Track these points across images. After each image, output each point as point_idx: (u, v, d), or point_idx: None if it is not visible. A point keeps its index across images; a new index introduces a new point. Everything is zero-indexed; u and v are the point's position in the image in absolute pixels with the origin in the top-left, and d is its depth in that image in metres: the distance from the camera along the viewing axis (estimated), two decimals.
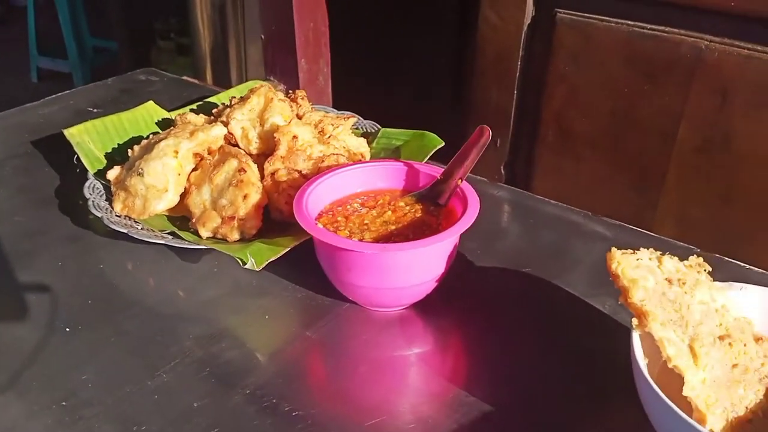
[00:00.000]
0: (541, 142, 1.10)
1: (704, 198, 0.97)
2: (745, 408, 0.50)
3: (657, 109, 0.96)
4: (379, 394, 0.59)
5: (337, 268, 0.63)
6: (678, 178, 0.98)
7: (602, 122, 1.02)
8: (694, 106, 0.92)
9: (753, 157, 0.91)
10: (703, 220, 0.98)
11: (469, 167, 0.67)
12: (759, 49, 0.86)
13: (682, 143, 0.95)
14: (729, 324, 0.53)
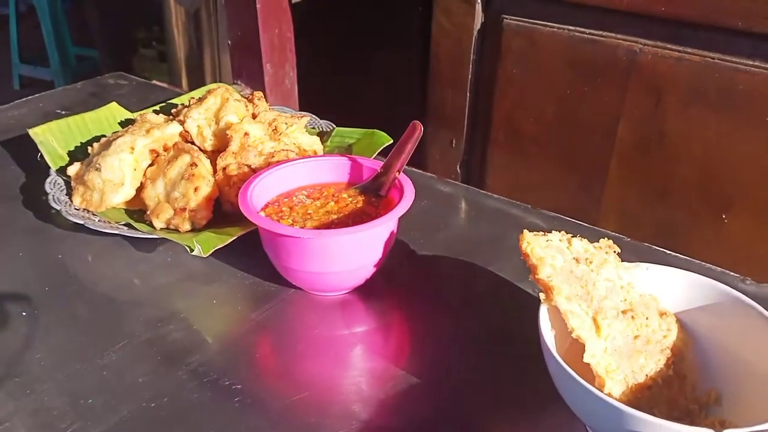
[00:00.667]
0: (494, 142, 1.14)
1: (643, 194, 1.01)
2: (645, 375, 0.54)
3: (597, 109, 1.00)
4: (315, 370, 0.62)
5: (280, 254, 0.66)
6: (619, 175, 1.02)
7: (548, 122, 1.06)
8: (631, 106, 0.97)
9: (686, 154, 0.95)
10: (642, 214, 1.02)
11: (405, 160, 0.71)
12: (689, 51, 0.91)
13: (621, 142, 1.00)
14: (633, 299, 0.57)
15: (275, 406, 0.58)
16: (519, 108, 1.09)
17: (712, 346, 0.57)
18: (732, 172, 0.92)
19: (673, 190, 0.98)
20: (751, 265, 0.93)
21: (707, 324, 0.57)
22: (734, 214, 0.94)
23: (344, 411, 0.57)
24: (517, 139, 1.11)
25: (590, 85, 1.00)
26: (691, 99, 0.92)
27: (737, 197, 0.93)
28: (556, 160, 1.08)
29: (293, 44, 1.37)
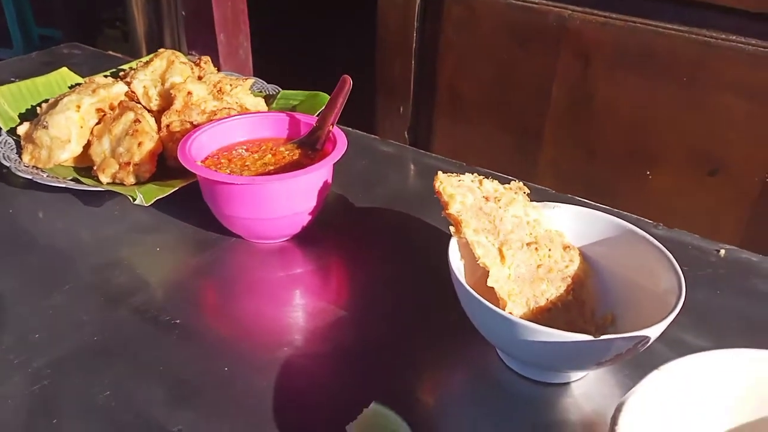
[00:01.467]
0: (438, 108, 1.19)
1: (575, 152, 1.06)
2: (546, 300, 0.59)
3: (532, 73, 1.05)
4: (251, 307, 0.66)
5: (217, 202, 0.70)
6: (553, 136, 1.08)
7: (487, 87, 1.11)
8: (563, 69, 1.02)
9: (613, 114, 1.00)
10: (575, 172, 1.08)
11: (337, 113, 0.75)
12: (614, 17, 0.96)
13: (555, 103, 1.05)
14: (538, 234, 0.62)
15: (211, 337, 0.62)
16: (460, 74, 1.14)
17: (610, 275, 0.62)
18: (655, 131, 0.98)
19: (601, 149, 1.03)
20: (673, 218, 0.99)
21: (606, 255, 0.62)
22: (657, 170, 1.00)
23: (277, 340, 0.61)
24: (460, 103, 1.16)
25: (525, 50, 1.04)
26: (616, 62, 0.97)
27: (660, 154, 0.99)
28: (495, 123, 1.13)
29: (246, 16, 1.40)
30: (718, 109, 0.92)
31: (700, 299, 0.68)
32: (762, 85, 0.88)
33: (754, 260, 0.74)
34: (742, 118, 0.91)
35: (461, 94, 1.15)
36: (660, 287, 0.56)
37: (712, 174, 0.96)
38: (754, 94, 0.89)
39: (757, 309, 0.67)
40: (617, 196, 1.04)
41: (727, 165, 0.95)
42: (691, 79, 0.92)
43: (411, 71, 1.19)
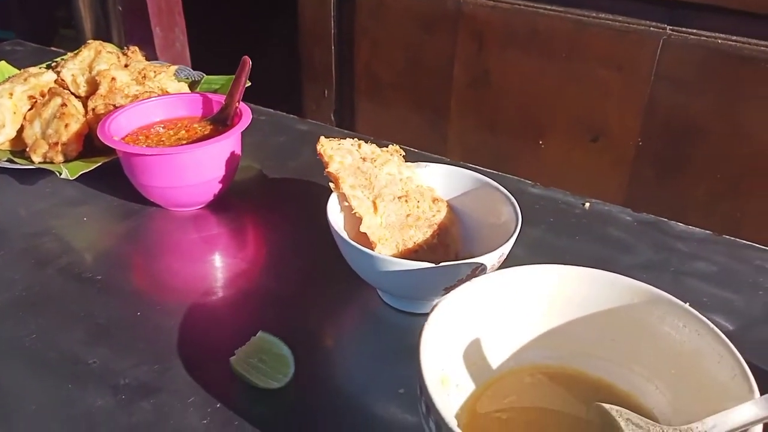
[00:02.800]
0: (358, 90, 1.27)
1: (478, 127, 1.16)
2: (413, 243, 0.68)
3: (436, 54, 1.14)
4: (166, 263, 0.74)
5: (134, 173, 0.78)
6: (458, 112, 1.17)
7: (399, 69, 1.20)
8: (461, 50, 1.11)
9: (507, 89, 1.10)
10: (480, 145, 1.17)
11: (241, 90, 0.82)
12: (501, 0, 1.05)
13: (457, 82, 1.14)
14: (410, 189, 0.71)
15: (128, 289, 0.70)
16: (375, 58, 1.22)
17: (471, 220, 0.71)
18: (543, 104, 1.08)
19: (500, 122, 1.13)
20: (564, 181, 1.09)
21: (468, 204, 0.71)
22: (548, 139, 1.10)
23: (185, 289, 0.70)
24: (376, 86, 1.24)
25: (429, 33, 1.13)
26: (506, 41, 1.06)
27: (549, 125, 1.08)
28: (408, 103, 1.22)
29: (181, 8, 1.47)
30: (595, 81, 1.02)
31: (561, 245, 0.78)
32: (629, 58, 0.98)
33: (612, 211, 0.84)
34: (615, 88, 1.01)
35: (377, 77, 1.24)
36: (501, 221, 0.65)
37: (594, 141, 1.06)
38: (622, 66, 0.99)
39: (606, 250, 0.77)
40: (515, 164, 1.13)
41: (607, 132, 1.05)
42: (569, 54, 1.02)
43: (332, 57, 1.27)
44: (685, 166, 1.01)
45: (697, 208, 1.02)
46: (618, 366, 0.52)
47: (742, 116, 0.95)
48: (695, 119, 0.98)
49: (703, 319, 0.47)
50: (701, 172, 1.00)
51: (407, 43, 1.16)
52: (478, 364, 0.53)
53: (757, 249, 0.77)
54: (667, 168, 1.03)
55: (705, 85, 0.95)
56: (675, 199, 1.03)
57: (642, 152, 1.03)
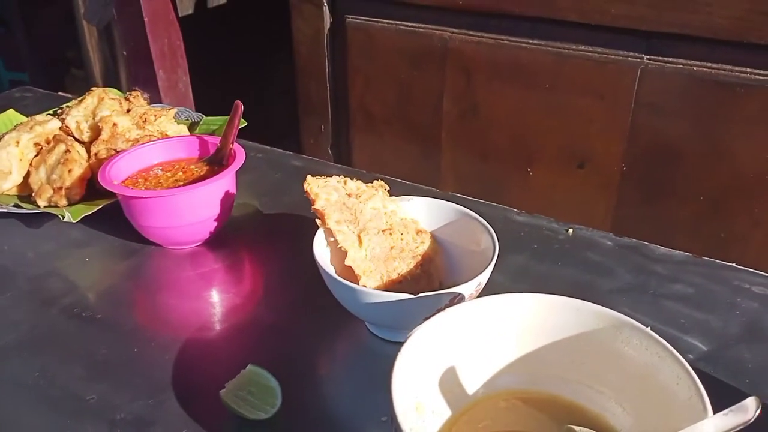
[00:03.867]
0: (353, 125, 1.31)
1: (469, 157, 1.19)
2: (398, 274, 0.70)
3: (426, 89, 1.17)
4: (161, 301, 0.77)
5: (133, 214, 0.81)
6: (449, 143, 1.20)
7: (391, 104, 1.23)
8: (450, 84, 1.14)
9: (495, 120, 1.13)
10: (471, 174, 1.20)
11: (235, 132, 0.86)
12: (485, 36, 1.09)
13: (447, 115, 1.17)
14: (394, 222, 0.73)
15: (126, 326, 0.72)
16: (368, 93, 1.26)
17: (455, 251, 0.73)
18: (530, 133, 1.10)
19: (489, 152, 1.16)
20: (552, 208, 1.12)
21: (450, 235, 0.74)
22: (536, 167, 1.12)
23: (180, 324, 0.72)
24: (370, 120, 1.28)
25: (418, 69, 1.17)
26: (492, 74, 1.09)
27: (536, 153, 1.11)
28: (401, 136, 1.25)
29: (184, 51, 1.52)
30: (578, 110, 1.05)
31: (543, 270, 0.80)
32: (609, 87, 1.01)
33: (594, 236, 0.86)
34: (598, 116, 1.04)
35: (371, 111, 1.27)
36: (481, 249, 0.68)
37: (580, 167, 1.08)
38: (604, 95, 1.02)
39: (587, 274, 0.79)
40: (505, 192, 1.16)
41: (592, 158, 1.07)
42: (552, 85, 1.05)
43: (327, 93, 1.31)
44: (669, 189, 1.03)
45: (683, 230, 1.03)
46: (588, 388, 0.54)
47: (720, 139, 0.97)
48: (676, 143, 1.00)
49: (663, 342, 0.49)
50: (684, 195, 1.02)
51: (398, 78, 1.20)
52: (453, 391, 0.55)
53: (735, 269, 0.78)
54: (652, 192, 1.05)
55: (683, 111, 0.98)
56: (660, 222, 1.05)
57: (626, 177, 1.05)
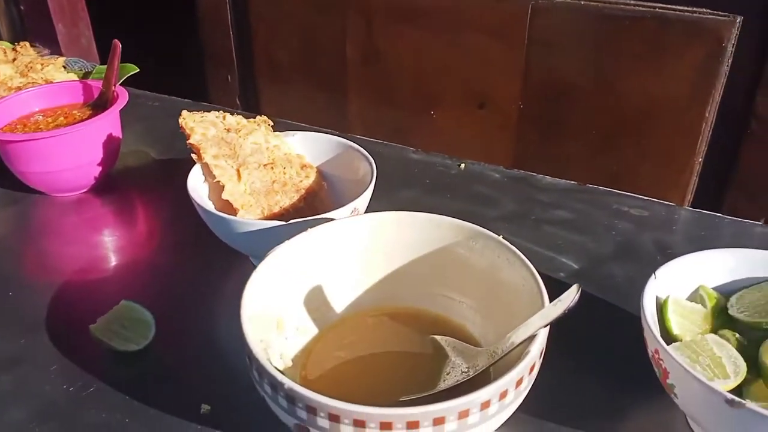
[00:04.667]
0: (260, 74, 1.29)
1: (374, 103, 1.18)
2: (280, 207, 0.70)
3: (329, 34, 1.16)
4: (42, 247, 0.75)
5: (11, 160, 0.78)
6: (355, 90, 1.19)
7: (296, 51, 1.21)
8: (352, 29, 1.13)
9: (398, 65, 1.13)
10: (378, 119, 1.20)
11: (116, 73, 0.83)
12: None
13: (351, 60, 1.16)
14: (277, 157, 0.72)
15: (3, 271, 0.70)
16: (272, 41, 1.24)
17: (339, 183, 0.73)
18: (432, 75, 1.11)
19: (394, 97, 1.16)
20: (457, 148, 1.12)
21: (336, 168, 0.74)
22: (439, 110, 1.13)
23: (60, 266, 0.70)
24: (276, 68, 1.26)
25: (320, 15, 1.15)
26: (391, 18, 1.09)
27: (439, 95, 1.12)
28: (308, 83, 1.24)
29: (85, 4, 1.45)
30: (476, 51, 1.05)
31: (432, 203, 0.81)
32: (504, 25, 1.02)
33: (484, 170, 0.87)
34: (495, 56, 1.05)
35: (276, 60, 1.25)
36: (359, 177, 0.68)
37: (481, 107, 1.09)
38: (499, 34, 1.03)
39: (474, 205, 0.80)
40: (412, 135, 1.16)
41: (492, 98, 1.09)
42: (450, 26, 1.05)
43: (231, 43, 1.28)
44: (563, 125, 1.05)
45: (578, 164, 1.06)
46: (451, 300, 0.55)
47: (608, 74, 0.99)
48: (568, 80, 1.02)
49: (511, 248, 0.50)
50: (578, 130, 1.04)
51: (301, 25, 1.18)
52: (320, 309, 0.55)
53: (615, 194, 0.81)
54: (548, 129, 1.07)
55: (574, 47, 0.99)
56: (557, 158, 1.07)
57: (524, 115, 1.07)
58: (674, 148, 0.98)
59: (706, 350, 0.46)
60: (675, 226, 0.76)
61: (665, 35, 0.92)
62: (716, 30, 0.89)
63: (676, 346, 0.47)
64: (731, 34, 0.88)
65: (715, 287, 0.54)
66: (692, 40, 0.91)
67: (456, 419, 0.37)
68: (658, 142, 0.99)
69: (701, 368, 0.45)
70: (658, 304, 0.51)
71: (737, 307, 0.51)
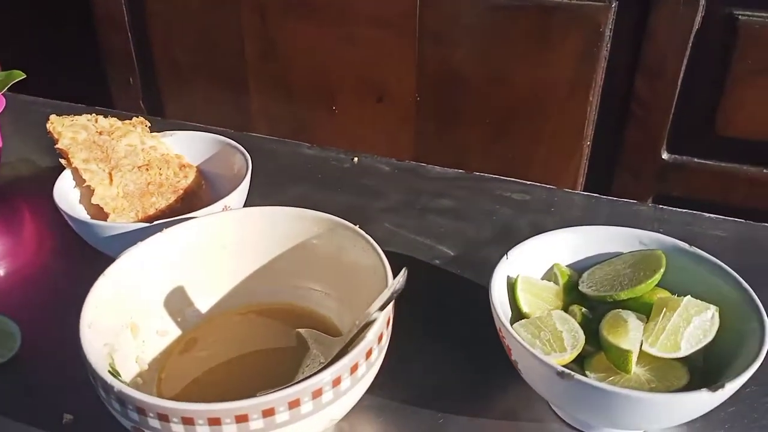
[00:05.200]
0: (161, 75, 1.26)
1: (276, 99, 1.18)
2: (155, 209, 0.69)
3: (225, 32, 1.15)
4: None
5: None
6: (256, 86, 1.18)
7: (195, 50, 1.20)
8: (247, 25, 1.12)
9: (295, 59, 1.12)
10: (280, 116, 1.19)
11: None
12: None
13: (249, 57, 1.15)
14: (153, 158, 0.71)
15: None
16: (171, 40, 1.22)
17: (219, 181, 0.73)
18: (330, 70, 1.11)
19: (294, 92, 1.15)
20: (360, 143, 1.13)
21: (216, 166, 0.73)
22: (340, 104, 1.13)
23: None
24: (177, 68, 1.24)
25: (216, 11, 1.14)
26: (284, 12, 1.08)
27: (338, 90, 1.12)
28: (209, 83, 1.22)
29: None
30: (370, 43, 1.06)
31: (320, 198, 0.81)
32: (395, 16, 1.03)
33: (375, 163, 0.88)
34: (389, 48, 1.05)
35: (176, 59, 1.23)
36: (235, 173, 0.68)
37: (379, 101, 1.10)
38: (393, 27, 1.04)
39: (361, 198, 0.80)
40: (315, 131, 1.16)
41: (389, 91, 1.09)
42: (343, 19, 1.05)
43: (130, 44, 1.25)
44: (459, 115, 1.07)
45: (476, 154, 1.08)
46: (317, 292, 0.56)
47: (498, 63, 1.01)
48: (460, 70, 1.04)
49: (366, 236, 0.51)
50: (473, 120, 1.06)
51: (197, 23, 1.16)
52: (184, 311, 0.55)
53: (499, 180, 0.83)
54: (445, 119, 1.08)
55: (463, 37, 1.01)
56: (456, 148, 1.09)
57: (421, 107, 1.08)
58: (563, 132, 1.01)
59: (548, 326, 0.48)
60: (554, 208, 0.78)
61: (547, 23, 0.94)
62: (593, 16, 0.91)
63: (521, 324, 0.49)
64: (608, 20, 0.91)
65: (570, 265, 0.56)
66: (572, 27, 0.93)
67: (287, 409, 0.38)
68: (548, 128, 1.02)
69: (541, 343, 0.46)
70: (511, 284, 0.52)
71: (587, 282, 0.53)
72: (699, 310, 0.47)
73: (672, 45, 0.89)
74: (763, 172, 0.95)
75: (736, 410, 0.51)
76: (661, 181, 0.99)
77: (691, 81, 0.92)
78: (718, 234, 0.74)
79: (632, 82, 0.94)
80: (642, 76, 0.93)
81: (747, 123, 0.91)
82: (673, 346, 0.45)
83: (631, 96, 0.95)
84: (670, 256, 0.52)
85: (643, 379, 0.45)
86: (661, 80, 0.92)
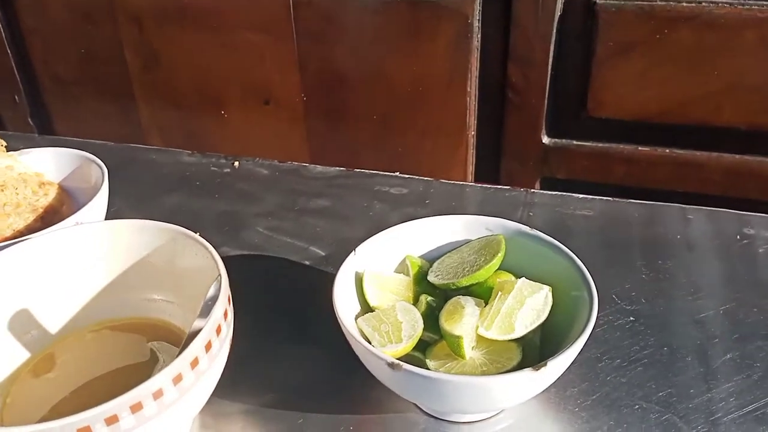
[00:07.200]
0: (46, 91, 1.22)
1: (164, 108, 1.15)
2: (13, 230, 0.66)
3: (104, 43, 1.12)
4: None
5: None
6: (143, 97, 1.15)
7: (76, 64, 1.16)
8: (125, 35, 1.09)
9: (179, 67, 1.10)
10: (171, 125, 1.17)
11: None
12: None
13: (132, 67, 1.12)
14: (9, 177, 0.68)
15: None
16: (51, 56, 1.17)
17: (82, 196, 0.71)
18: (213, 76, 1.09)
19: (182, 100, 1.13)
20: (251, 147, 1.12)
21: (77, 180, 0.71)
22: (228, 109, 1.11)
23: None
24: (61, 84, 1.20)
25: (92, 23, 1.10)
26: (160, 20, 1.06)
27: (225, 95, 1.10)
28: (95, 96, 1.19)
29: None
30: (249, 47, 1.05)
31: (196, 206, 0.79)
32: (271, 20, 1.02)
33: (255, 166, 0.87)
34: (269, 51, 1.05)
35: (58, 74, 1.19)
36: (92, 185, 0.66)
37: (266, 104, 1.09)
38: (269, 29, 1.03)
39: (237, 203, 0.79)
40: (207, 137, 1.14)
41: (274, 93, 1.09)
42: (219, 24, 1.03)
43: (10, 60, 1.20)
44: (347, 113, 1.07)
45: (367, 150, 1.08)
46: (170, 304, 0.54)
47: (376, 59, 1.01)
48: (341, 69, 1.04)
49: (206, 245, 0.50)
50: (360, 117, 1.06)
51: (74, 36, 1.13)
52: (32, 333, 0.53)
53: (379, 176, 0.83)
54: (333, 118, 1.08)
55: (340, 36, 1.01)
56: (348, 146, 1.09)
57: (309, 108, 1.08)
58: (447, 124, 1.02)
59: (390, 318, 0.48)
60: (428, 200, 0.79)
61: (417, 18, 0.95)
62: (460, 8, 0.93)
63: (365, 318, 0.49)
64: (474, 10, 0.92)
65: (423, 255, 0.56)
66: (441, 19, 0.94)
67: (130, 414, 0.37)
68: (432, 121, 1.03)
69: (379, 335, 0.46)
70: (359, 279, 0.52)
71: (435, 272, 0.54)
72: (532, 291, 0.48)
73: (538, 32, 0.91)
74: (638, 150, 0.99)
75: (589, 386, 0.52)
76: (544, 165, 1.01)
77: (561, 66, 0.94)
78: (584, 213, 0.76)
79: (506, 70, 0.96)
80: (514, 64, 0.95)
81: (615, 103, 0.94)
82: (508, 328, 0.46)
83: (507, 84, 0.96)
84: (513, 240, 0.53)
85: (478, 363, 0.45)
86: (532, 67, 0.94)
